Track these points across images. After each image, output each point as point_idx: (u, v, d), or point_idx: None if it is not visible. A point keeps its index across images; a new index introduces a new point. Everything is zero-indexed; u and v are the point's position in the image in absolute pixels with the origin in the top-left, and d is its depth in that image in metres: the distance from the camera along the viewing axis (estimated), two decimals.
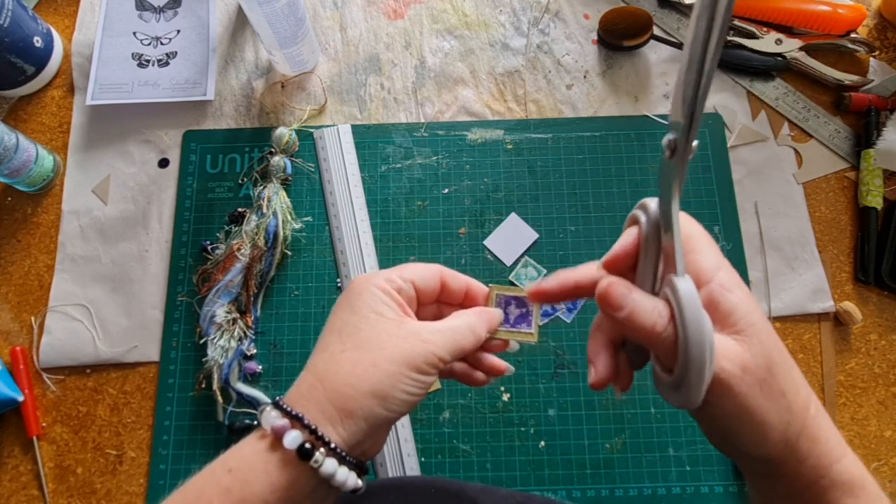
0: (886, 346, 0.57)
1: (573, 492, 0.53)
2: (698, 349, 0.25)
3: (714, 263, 0.28)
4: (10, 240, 0.61)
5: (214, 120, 0.64)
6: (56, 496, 0.54)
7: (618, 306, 0.27)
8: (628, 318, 0.27)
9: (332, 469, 0.28)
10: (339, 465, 0.28)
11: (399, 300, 0.32)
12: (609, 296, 0.27)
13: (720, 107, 0.64)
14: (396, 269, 0.33)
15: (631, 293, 0.27)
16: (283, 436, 0.28)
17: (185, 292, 0.58)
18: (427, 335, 0.30)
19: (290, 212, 0.59)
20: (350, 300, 0.32)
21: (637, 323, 0.26)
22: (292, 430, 0.28)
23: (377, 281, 0.32)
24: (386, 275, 0.33)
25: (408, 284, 0.33)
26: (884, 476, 0.53)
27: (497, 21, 0.68)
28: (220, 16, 0.68)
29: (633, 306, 0.27)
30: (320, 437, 0.28)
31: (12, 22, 0.59)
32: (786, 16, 0.63)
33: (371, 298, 0.31)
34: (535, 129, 0.63)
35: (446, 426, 0.55)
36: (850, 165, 0.62)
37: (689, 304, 0.25)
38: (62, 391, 0.56)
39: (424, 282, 0.33)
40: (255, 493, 0.27)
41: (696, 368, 0.25)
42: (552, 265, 0.59)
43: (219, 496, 0.27)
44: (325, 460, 0.27)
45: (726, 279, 0.28)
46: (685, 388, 0.26)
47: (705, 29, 0.21)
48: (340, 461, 0.28)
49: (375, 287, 0.32)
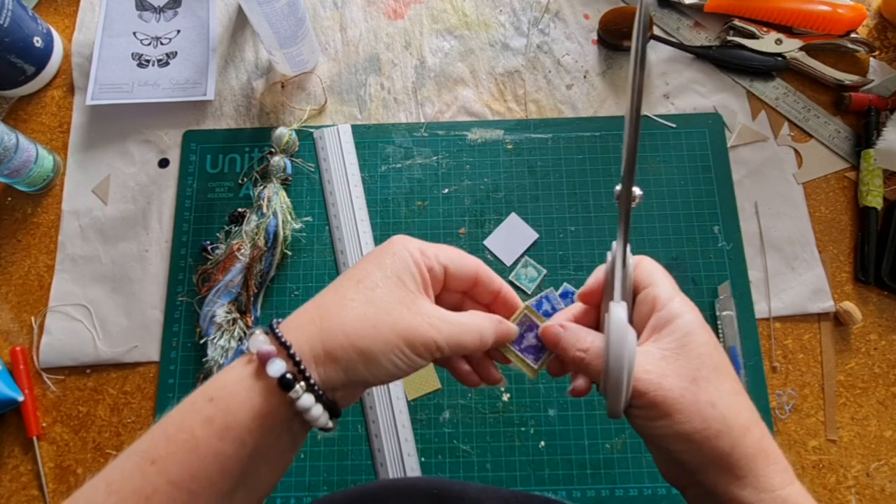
0: (886, 346, 0.57)
1: (573, 492, 0.53)
2: (617, 362, 0.29)
3: (668, 294, 0.32)
4: (10, 240, 0.61)
5: (214, 120, 0.64)
6: (56, 496, 0.54)
7: (553, 343, 0.33)
8: (562, 354, 0.33)
9: (309, 404, 0.28)
10: (314, 402, 0.28)
11: (426, 276, 0.32)
12: (545, 335, 0.34)
13: (720, 107, 0.64)
14: (436, 248, 0.33)
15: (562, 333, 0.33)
16: (267, 362, 0.28)
17: (185, 292, 0.58)
18: (435, 320, 0.31)
19: (290, 212, 0.59)
20: (381, 256, 0.32)
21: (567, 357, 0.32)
22: (277, 359, 0.28)
23: (413, 248, 0.32)
24: (423, 247, 0.33)
25: (440, 267, 0.33)
26: (884, 476, 0.54)
27: (497, 21, 0.68)
28: (220, 16, 0.68)
29: (563, 344, 0.33)
30: (302, 371, 0.28)
31: (12, 22, 0.59)
32: (786, 16, 0.63)
33: (400, 263, 0.31)
34: (535, 129, 0.63)
35: (446, 426, 0.55)
36: (850, 165, 0.62)
37: (615, 324, 0.30)
38: (62, 391, 0.56)
39: (458, 271, 0.34)
40: (238, 420, 0.27)
41: (613, 378, 0.29)
42: (552, 265, 0.59)
43: (202, 425, 0.27)
44: (303, 394, 0.28)
45: (677, 306, 0.31)
46: (608, 397, 0.30)
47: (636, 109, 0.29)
48: (317, 398, 0.28)
49: (409, 254, 0.32)
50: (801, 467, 0.54)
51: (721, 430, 0.28)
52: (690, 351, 0.30)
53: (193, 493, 0.26)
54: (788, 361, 0.56)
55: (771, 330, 0.57)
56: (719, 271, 0.58)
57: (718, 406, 0.29)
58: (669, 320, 0.31)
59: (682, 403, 0.28)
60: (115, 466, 0.27)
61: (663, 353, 0.30)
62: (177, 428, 0.28)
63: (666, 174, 0.61)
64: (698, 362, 0.30)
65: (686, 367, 0.29)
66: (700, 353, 0.30)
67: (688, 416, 0.28)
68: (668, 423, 0.29)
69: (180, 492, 0.26)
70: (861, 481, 0.53)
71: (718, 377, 0.30)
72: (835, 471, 0.54)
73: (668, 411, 0.29)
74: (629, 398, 0.29)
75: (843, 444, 0.54)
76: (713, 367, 0.30)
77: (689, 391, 0.29)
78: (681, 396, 0.29)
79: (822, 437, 0.55)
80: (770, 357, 0.56)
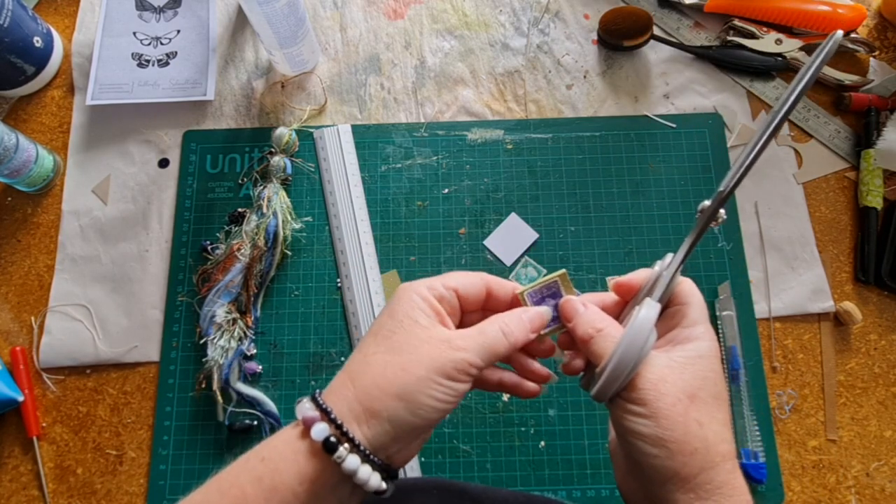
0: (886, 346, 0.57)
1: (573, 492, 0.53)
2: (630, 348, 0.30)
3: (697, 317, 0.33)
4: (10, 240, 0.61)
5: (214, 120, 0.64)
6: (56, 496, 0.54)
7: (568, 317, 0.34)
8: (573, 328, 0.34)
9: (355, 466, 0.28)
10: (361, 463, 0.28)
11: (438, 308, 0.32)
12: (564, 308, 0.34)
13: (720, 107, 0.64)
14: (440, 278, 0.34)
15: (581, 310, 0.34)
16: (311, 427, 0.28)
17: (185, 292, 0.58)
18: (458, 341, 0.31)
19: (290, 212, 0.59)
20: (391, 306, 0.33)
21: (577, 332, 0.33)
22: (320, 423, 0.29)
23: (418, 288, 0.33)
24: (429, 283, 0.33)
25: (450, 293, 0.33)
26: (884, 476, 0.54)
27: (497, 21, 0.68)
28: (220, 16, 0.68)
29: (578, 320, 0.33)
30: (345, 433, 0.28)
31: (12, 22, 0.58)
32: (786, 16, 0.63)
33: (408, 305, 0.32)
34: (535, 129, 0.63)
35: (446, 426, 0.54)
36: (850, 165, 0.62)
37: (643, 317, 0.31)
38: (62, 391, 0.56)
39: (467, 290, 0.34)
40: (285, 482, 0.28)
41: (620, 362, 0.30)
42: (552, 265, 0.59)
43: (251, 484, 0.28)
44: (348, 456, 0.28)
45: (701, 331, 0.32)
46: (604, 378, 0.30)
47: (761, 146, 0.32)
48: (364, 459, 0.28)
49: (416, 294, 0.32)
50: (801, 467, 0.54)
51: (698, 449, 0.29)
52: (697, 372, 0.30)
53: None
54: (788, 361, 0.56)
55: (771, 330, 0.57)
56: (719, 271, 0.58)
57: (705, 428, 0.29)
58: (689, 339, 0.32)
59: (671, 412, 0.29)
60: None
61: (671, 364, 0.31)
62: (230, 485, 0.29)
63: (666, 174, 0.61)
64: (701, 383, 0.30)
65: (688, 382, 0.30)
66: (705, 376, 0.30)
67: (672, 424, 0.29)
68: (650, 424, 0.29)
69: None
70: (861, 481, 0.53)
71: (714, 404, 0.30)
72: (835, 471, 0.54)
73: (655, 413, 0.29)
74: (622, 386, 0.30)
75: (843, 444, 0.54)
76: (713, 394, 0.30)
77: (682, 403, 0.29)
78: (672, 405, 0.29)
79: (822, 437, 0.55)
80: (770, 357, 0.56)
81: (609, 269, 0.58)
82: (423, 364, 0.29)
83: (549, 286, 0.35)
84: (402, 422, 0.29)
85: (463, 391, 0.30)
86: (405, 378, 0.29)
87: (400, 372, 0.29)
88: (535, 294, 0.35)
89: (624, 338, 0.30)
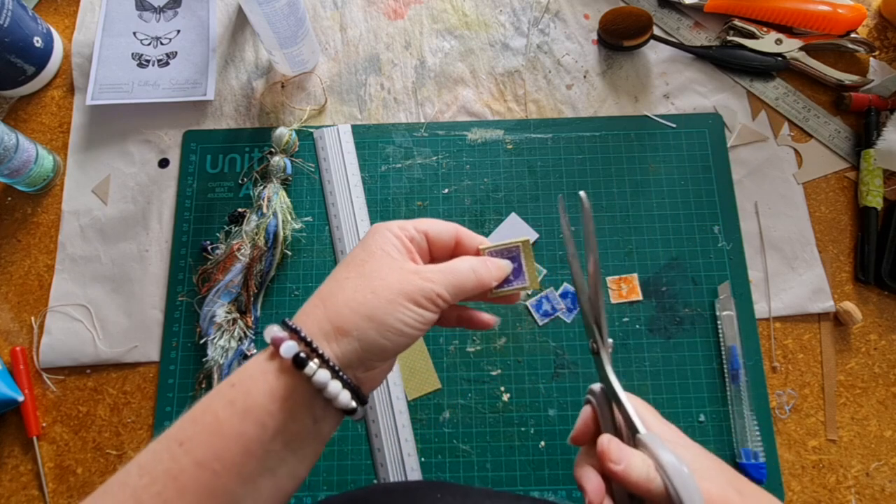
0: (886, 346, 0.57)
1: (573, 492, 0.53)
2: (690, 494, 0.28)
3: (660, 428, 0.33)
4: (10, 240, 0.61)
5: (214, 120, 0.64)
6: (56, 496, 0.54)
7: (617, 460, 0.31)
8: (624, 471, 0.30)
9: (325, 379, 0.29)
10: (331, 378, 0.29)
11: (409, 246, 0.34)
12: (608, 451, 0.31)
13: (720, 107, 0.64)
14: (413, 221, 0.35)
15: (624, 449, 0.31)
16: (280, 346, 0.29)
17: (185, 292, 0.58)
18: (427, 273, 0.32)
19: (290, 212, 0.59)
20: (364, 240, 0.34)
21: (633, 476, 0.30)
22: (289, 340, 0.29)
23: (391, 226, 0.34)
24: (401, 223, 0.34)
25: (420, 235, 0.34)
26: (884, 476, 0.54)
27: (497, 21, 0.68)
28: (220, 16, 0.68)
29: (629, 461, 0.30)
30: (314, 349, 0.29)
31: (12, 22, 0.59)
32: (786, 16, 0.63)
33: (381, 239, 0.33)
34: (535, 129, 0.63)
35: (446, 426, 0.55)
36: (850, 165, 0.62)
37: (677, 474, 0.29)
38: (62, 391, 0.56)
39: (438, 235, 0.35)
40: (258, 402, 0.28)
41: None
42: (552, 265, 0.59)
43: (224, 408, 0.29)
44: (318, 370, 0.29)
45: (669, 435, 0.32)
46: None
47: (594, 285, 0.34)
48: (333, 375, 0.29)
49: (388, 231, 0.33)
50: (801, 467, 0.54)
51: None
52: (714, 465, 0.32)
53: (217, 472, 0.27)
54: (788, 361, 0.56)
55: (771, 330, 0.57)
56: (719, 271, 0.58)
57: None
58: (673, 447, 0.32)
59: None
60: (147, 450, 0.29)
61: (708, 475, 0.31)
62: (202, 411, 0.29)
63: (666, 174, 0.61)
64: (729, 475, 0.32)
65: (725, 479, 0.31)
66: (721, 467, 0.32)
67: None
68: None
69: (205, 471, 0.27)
70: (861, 481, 0.53)
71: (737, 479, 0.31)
72: (835, 471, 0.54)
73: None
74: None
75: (843, 444, 0.54)
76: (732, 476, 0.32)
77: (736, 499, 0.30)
78: None
79: (822, 437, 0.55)
80: (770, 357, 0.56)
81: (609, 269, 0.58)
82: (393, 289, 0.30)
83: (511, 250, 0.36)
84: (371, 342, 0.30)
85: (430, 320, 0.31)
86: (375, 301, 0.30)
87: (370, 295, 0.30)
88: (495, 253, 0.36)
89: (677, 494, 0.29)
